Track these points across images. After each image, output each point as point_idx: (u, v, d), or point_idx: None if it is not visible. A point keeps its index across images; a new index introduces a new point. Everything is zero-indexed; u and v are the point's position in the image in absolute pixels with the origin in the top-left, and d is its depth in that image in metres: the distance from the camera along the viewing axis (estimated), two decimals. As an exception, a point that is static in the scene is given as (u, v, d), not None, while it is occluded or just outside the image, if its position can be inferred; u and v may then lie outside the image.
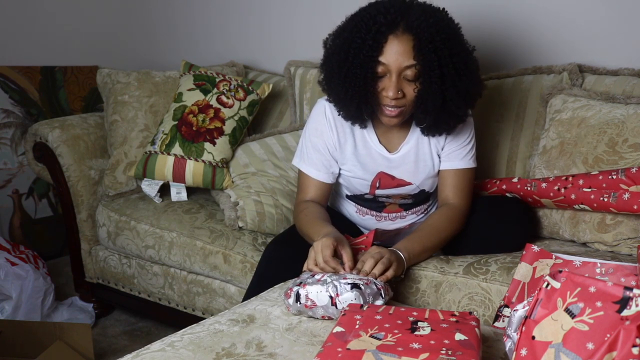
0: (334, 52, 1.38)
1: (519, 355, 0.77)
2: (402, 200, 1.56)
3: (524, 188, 1.55)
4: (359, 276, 1.17)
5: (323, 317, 1.12)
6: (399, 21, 1.29)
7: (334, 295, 1.11)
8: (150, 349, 1.00)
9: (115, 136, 2.10)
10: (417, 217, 1.60)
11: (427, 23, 1.28)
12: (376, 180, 1.51)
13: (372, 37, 1.29)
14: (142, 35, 2.93)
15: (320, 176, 1.51)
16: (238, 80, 2.09)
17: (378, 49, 1.29)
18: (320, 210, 1.47)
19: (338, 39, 1.38)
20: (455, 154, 1.49)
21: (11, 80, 2.57)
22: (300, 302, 1.12)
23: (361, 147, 1.49)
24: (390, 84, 1.32)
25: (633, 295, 0.70)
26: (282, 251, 1.43)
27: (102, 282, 2.14)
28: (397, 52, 1.29)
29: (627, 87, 1.64)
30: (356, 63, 1.31)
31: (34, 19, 2.65)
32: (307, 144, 1.51)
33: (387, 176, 1.50)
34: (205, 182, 1.95)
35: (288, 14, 2.45)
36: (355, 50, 1.31)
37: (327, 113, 1.49)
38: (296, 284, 1.15)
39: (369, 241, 1.41)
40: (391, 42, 1.29)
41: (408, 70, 1.31)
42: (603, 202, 1.39)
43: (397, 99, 1.33)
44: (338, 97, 1.41)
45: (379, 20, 1.29)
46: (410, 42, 1.29)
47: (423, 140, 1.48)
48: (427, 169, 1.50)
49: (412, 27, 1.28)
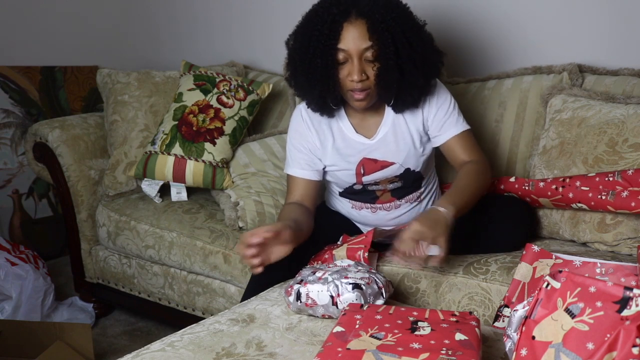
0: (295, 48, 1.46)
1: (519, 355, 0.77)
2: (391, 185, 1.56)
3: (522, 187, 1.55)
4: (361, 274, 1.16)
5: (323, 316, 1.12)
6: (350, 9, 1.38)
7: (334, 295, 1.10)
8: (150, 349, 1.01)
9: (115, 136, 2.10)
10: (412, 205, 1.60)
11: (377, 6, 1.37)
12: (360, 167, 1.54)
13: (328, 27, 1.37)
14: (142, 35, 2.93)
15: (306, 174, 1.56)
16: (238, 80, 2.09)
17: (335, 37, 1.37)
18: (292, 209, 1.49)
19: (298, 36, 1.46)
20: (448, 124, 1.53)
21: (11, 80, 2.57)
22: (300, 301, 1.12)
23: (340, 140, 1.54)
24: (353, 68, 1.38)
25: (633, 295, 0.70)
26: None
27: (102, 282, 2.14)
28: (353, 37, 1.37)
29: (627, 87, 1.64)
30: (317, 53, 1.39)
31: (34, 19, 2.65)
32: (290, 147, 1.59)
33: (369, 161, 1.53)
34: (206, 182, 1.95)
35: (288, 14, 2.44)
36: (315, 42, 1.38)
37: (303, 115, 1.57)
38: (297, 282, 1.15)
39: (368, 240, 1.41)
40: (346, 28, 1.37)
41: (367, 52, 1.38)
42: (601, 200, 1.38)
43: (362, 81, 1.39)
44: (303, 90, 1.49)
45: (332, 11, 1.38)
46: (364, 26, 1.37)
47: (399, 119, 1.52)
48: (407, 147, 1.53)
49: (363, 12, 1.37)
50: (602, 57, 1.79)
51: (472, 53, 2.04)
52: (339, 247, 1.42)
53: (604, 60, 1.78)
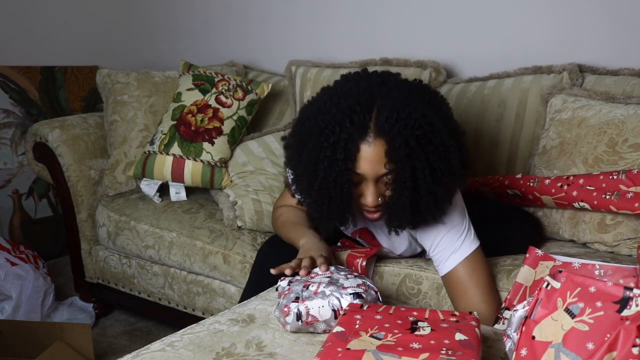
0: (300, 160, 1.24)
1: (519, 355, 0.77)
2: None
3: (527, 184, 1.55)
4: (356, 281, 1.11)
5: (324, 332, 1.06)
6: (367, 122, 1.15)
7: (337, 308, 1.04)
8: (150, 349, 1.00)
9: (115, 136, 2.10)
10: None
11: (400, 122, 1.13)
12: (357, 233, 1.48)
13: (342, 147, 1.15)
14: (142, 35, 2.93)
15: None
16: (237, 80, 2.09)
17: (351, 160, 1.16)
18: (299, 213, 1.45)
19: (302, 146, 1.22)
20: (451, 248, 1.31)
21: (11, 80, 2.57)
22: (301, 320, 1.04)
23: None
24: (367, 191, 1.20)
25: (633, 295, 0.70)
26: (275, 252, 1.41)
27: (102, 282, 2.14)
28: (371, 162, 1.16)
29: (627, 87, 1.64)
30: (329, 179, 1.18)
31: (34, 19, 2.65)
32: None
33: (368, 233, 1.46)
34: (204, 181, 1.95)
35: (288, 14, 2.45)
36: (325, 165, 1.17)
37: None
38: (292, 300, 1.06)
39: (371, 253, 1.41)
40: (364, 151, 1.16)
41: (384, 176, 1.19)
42: (604, 199, 1.38)
43: (376, 205, 1.22)
44: (316, 214, 1.30)
45: (345, 126, 1.15)
46: (382, 148, 1.15)
47: None
48: (402, 247, 1.46)
49: (383, 130, 1.14)
50: (602, 57, 1.79)
51: (472, 52, 2.04)
52: (341, 252, 1.42)
53: (604, 60, 1.78)
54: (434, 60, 1.98)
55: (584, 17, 1.83)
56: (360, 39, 2.26)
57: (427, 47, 2.09)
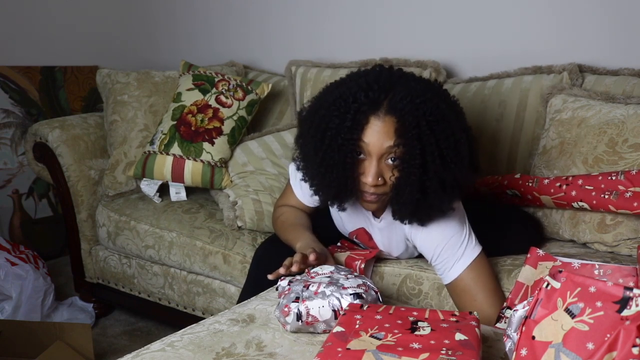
0: (310, 129, 1.24)
1: (519, 355, 0.77)
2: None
3: (525, 184, 1.55)
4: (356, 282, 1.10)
5: (324, 332, 1.06)
6: (382, 100, 1.16)
7: (337, 308, 1.04)
8: (150, 349, 1.00)
9: (115, 136, 2.10)
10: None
11: (413, 104, 1.14)
12: (353, 235, 1.48)
13: (352, 116, 1.16)
14: (142, 35, 2.93)
15: (305, 199, 1.50)
16: (237, 80, 2.09)
17: (358, 130, 1.16)
18: (298, 215, 1.46)
19: (314, 115, 1.23)
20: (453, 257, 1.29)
21: (11, 80, 2.57)
22: (301, 320, 1.04)
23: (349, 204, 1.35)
24: (369, 168, 1.18)
25: (633, 295, 0.70)
26: (272, 252, 1.41)
27: (102, 282, 2.14)
28: (379, 133, 1.15)
29: (627, 87, 1.64)
30: (333, 147, 1.18)
31: (34, 19, 2.65)
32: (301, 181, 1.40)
33: (366, 234, 1.45)
34: (204, 181, 1.95)
35: (288, 14, 2.45)
36: (333, 132, 1.17)
37: None
38: (292, 300, 1.06)
39: (370, 256, 1.41)
40: (373, 123, 1.16)
41: (389, 154, 1.17)
42: (603, 199, 1.38)
43: (376, 186, 1.20)
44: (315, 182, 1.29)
45: (360, 98, 1.16)
46: (392, 125, 1.15)
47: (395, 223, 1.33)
48: (399, 250, 1.45)
49: (395, 108, 1.14)
50: (602, 57, 1.79)
51: (472, 53, 2.04)
52: (340, 252, 1.42)
53: (604, 60, 1.78)
54: (434, 60, 1.98)
55: (584, 17, 1.83)
56: (360, 39, 2.26)
57: (427, 47, 2.09)
